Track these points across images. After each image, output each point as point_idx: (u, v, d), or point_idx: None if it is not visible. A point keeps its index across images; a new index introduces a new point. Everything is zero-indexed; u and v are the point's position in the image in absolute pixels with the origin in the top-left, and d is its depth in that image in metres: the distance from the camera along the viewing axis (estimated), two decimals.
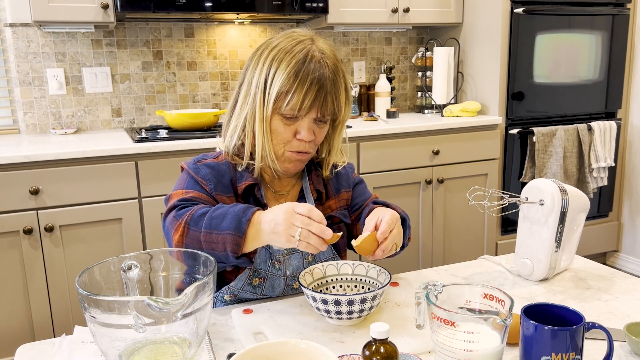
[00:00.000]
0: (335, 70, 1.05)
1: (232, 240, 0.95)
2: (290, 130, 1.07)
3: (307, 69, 1.02)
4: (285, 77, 1.02)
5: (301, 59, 1.03)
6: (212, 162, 1.12)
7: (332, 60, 1.06)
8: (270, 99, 1.04)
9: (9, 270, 2.00)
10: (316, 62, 1.03)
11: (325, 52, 1.06)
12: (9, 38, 2.44)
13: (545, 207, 1.09)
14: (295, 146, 1.08)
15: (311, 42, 1.06)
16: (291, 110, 1.04)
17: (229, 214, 0.97)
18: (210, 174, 1.10)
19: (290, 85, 1.02)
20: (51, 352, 0.91)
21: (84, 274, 0.82)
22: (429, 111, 2.99)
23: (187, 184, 1.11)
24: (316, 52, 1.05)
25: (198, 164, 1.12)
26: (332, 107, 1.06)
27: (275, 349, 0.72)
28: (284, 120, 1.06)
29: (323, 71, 1.03)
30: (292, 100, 1.03)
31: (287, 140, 1.08)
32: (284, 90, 1.03)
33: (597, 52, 2.86)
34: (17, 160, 1.93)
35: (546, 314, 0.77)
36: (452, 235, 2.74)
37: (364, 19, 2.67)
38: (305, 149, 1.09)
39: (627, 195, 3.13)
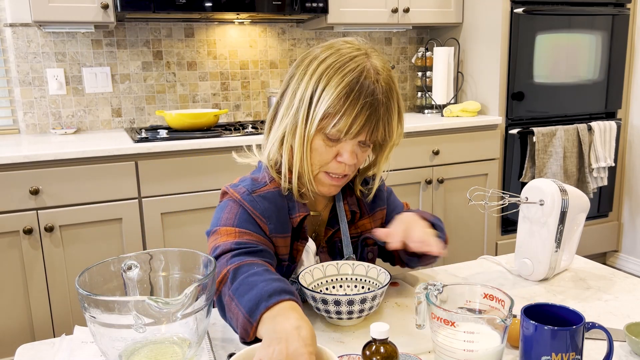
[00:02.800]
0: (389, 93, 0.97)
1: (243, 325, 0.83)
2: (332, 151, 0.98)
3: (360, 89, 0.93)
4: (334, 97, 0.93)
5: (354, 79, 0.93)
6: (268, 193, 1.01)
7: (387, 82, 0.97)
8: (315, 118, 0.95)
9: (9, 270, 2.00)
10: (370, 82, 0.94)
11: (380, 71, 0.96)
12: (9, 38, 2.44)
13: (545, 207, 1.09)
14: (334, 168, 1.00)
15: (366, 58, 0.96)
16: (337, 132, 0.95)
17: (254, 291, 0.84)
18: (270, 209, 0.99)
19: (340, 107, 0.93)
20: (51, 352, 0.91)
21: (84, 274, 0.82)
22: (429, 111, 2.99)
23: (240, 219, 0.98)
24: (371, 72, 0.95)
25: (254, 195, 1.00)
26: (383, 132, 0.98)
27: None
28: (327, 140, 0.97)
29: (377, 95, 0.94)
30: (339, 123, 0.94)
31: (326, 162, 1.00)
32: (332, 112, 0.94)
33: (597, 52, 2.86)
34: (17, 160, 1.93)
35: (546, 314, 0.77)
36: (452, 235, 2.74)
37: (364, 19, 2.67)
38: (343, 172, 1.01)
39: (627, 195, 3.13)
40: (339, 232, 1.10)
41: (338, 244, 1.10)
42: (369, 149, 1.03)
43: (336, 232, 1.10)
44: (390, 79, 0.98)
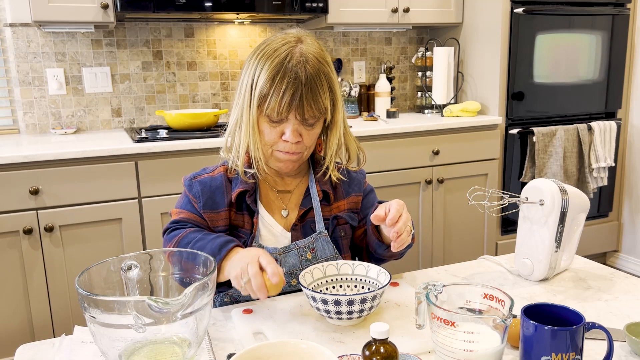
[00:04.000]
0: (314, 73, 1.06)
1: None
2: (277, 132, 1.09)
3: (284, 72, 1.04)
4: (264, 80, 1.05)
5: (280, 61, 1.05)
6: (206, 178, 1.16)
7: (313, 62, 1.06)
8: (254, 101, 1.07)
9: (9, 270, 2.00)
10: (293, 65, 1.04)
11: (307, 54, 1.07)
12: (9, 38, 2.44)
13: (545, 207, 1.09)
14: (282, 147, 1.10)
15: (296, 43, 1.08)
16: (271, 112, 1.06)
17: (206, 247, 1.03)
18: (202, 191, 1.14)
19: (269, 88, 1.05)
20: (51, 352, 0.91)
21: (83, 274, 0.82)
22: (429, 111, 2.99)
23: (182, 202, 1.16)
24: (296, 55, 1.06)
25: (193, 180, 1.16)
26: (310, 110, 1.07)
27: (275, 349, 0.72)
28: (270, 122, 1.08)
29: (299, 75, 1.04)
30: (270, 103, 1.05)
31: (274, 142, 1.10)
32: (264, 94, 1.05)
33: (597, 52, 2.86)
34: (17, 160, 1.93)
35: (546, 314, 0.77)
36: (452, 235, 2.74)
37: (364, 19, 2.67)
38: (292, 150, 1.10)
39: (627, 195, 3.13)
40: (312, 212, 1.18)
41: (311, 222, 1.17)
42: (314, 128, 1.11)
43: (309, 212, 1.18)
44: (319, 61, 1.08)
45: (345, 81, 2.90)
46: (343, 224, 1.20)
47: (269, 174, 1.18)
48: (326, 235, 1.16)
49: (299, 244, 1.14)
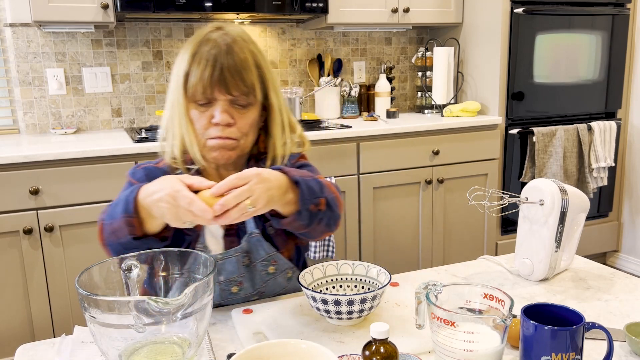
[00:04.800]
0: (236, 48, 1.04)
1: (126, 222, 0.93)
2: (206, 116, 1.05)
3: (203, 49, 1.03)
4: (186, 61, 1.04)
5: (198, 43, 1.04)
6: (150, 166, 1.13)
7: (234, 38, 1.05)
8: (180, 86, 1.05)
9: (9, 270, 2.00)
10: (213, 41, 1.03)
11: (229, 33, 1.06)
12: (9, 38, 2.44)
13: (545, 207, 1.09)
14: (213, 132, 1.06)
15: (216, 30, 1.07)
16: (195, 91, 1.03)
17: (122, 198, 0.96)
18: (146, 176, 1.10)
19: (189, 66, 1.03)
20: (51, 352, 0.91)
21: (84, 274, 0.82)
22: (429, 111, 2.99)
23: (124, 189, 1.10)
24: (215, 34, 1.05)
25: (137, 168, 1.13)
26: (236, 85, 1.02)
27: (275, 349, 0.72)
28: (199, 107, 1.05)
29: (220, 49, 1.02)
30: (192, 81, 1.03)
31: (205, 128, 1.06)
32: (186, 73, 1.04)
33: (597, 52, 2.86)
34: (17, 160, 1.93)
35: (546, 314, 0.77)
36: (452, 235, 2.74)
37: (364, 19, 2.67)
38: (224, 134, 1.05)
39: (627, 195, 3.13)
40: None
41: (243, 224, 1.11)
42: (247, 110, 1.07)
43: None
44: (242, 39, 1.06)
45: (345, 81, 2.90)
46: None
47: (210, 174, 1.13)
48: (258, 235, 1.09)
49: (237, 250, 1.07)
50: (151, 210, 0.91)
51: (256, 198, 0.87)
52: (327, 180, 1.08)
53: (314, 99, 2.96)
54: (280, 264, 1.13)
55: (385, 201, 2.55)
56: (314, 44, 2.96)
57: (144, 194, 0.92)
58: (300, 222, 0.97)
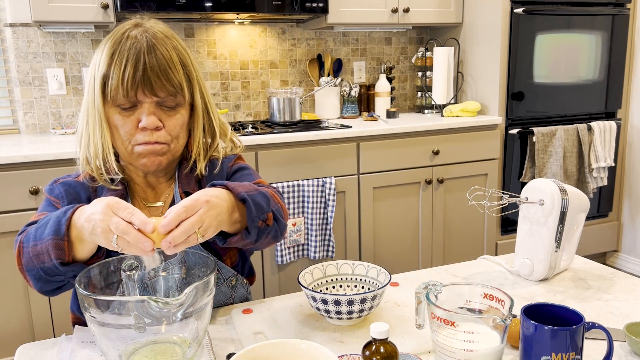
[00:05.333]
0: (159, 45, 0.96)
1: (55, 246, 0.84)
2: (131, 121, 0.97)
3: (122, 47, 0.94)
4: (104, 62, 0.95)
5: (117, 40, 0.95)
6: (69, 180, 1.04)
7: (155, 36, 0.97)
8: (97, 89, 0.95)
9: (9, 270, 2.00)
10: (132, 38, 0.95)
11: (149, 30, 0.98)
12: (9, 38, 2.44)
13: (545, 207, 1.09)
14: (141, 138, 0.97)
15: (135, 25, 0.99)
16: (115, 94, 0.94)
17: (51, 219, 0.86)
18: (65, 191, 1.02)
19: (108, 67, 0.94)
20: (51, 352, 0.91)
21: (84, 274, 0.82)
22: (429, 111, 2.99)
23: (42, 207, 1.02)
24: (134, 32, 0.96)
25: (54, 184, 1.04)
26: (162, 84, 0.95)
27: (275, 349, 0.72)
28: (122, 112, 0.96)
29: (140, 46, 0.94)
30: (113, 83, 0.94)
31: (131, 134, 0.97)
32: (104, 75, 0.95)
33: (597, 52, 2.86)
34: (17, 160, 1.93)
35: (546, 314, 0.77)
36: (452, 235, 2.74)
37: (364, 19, 2.67)
38: (152, 139, 0.97)
39: (627, 195, 3.13)
40: None
41: None
42: (175, 112, 0.99)
43: None
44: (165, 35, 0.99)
45: (345, 81, 2.90)
46: None
47: (137, 184, 1.06)
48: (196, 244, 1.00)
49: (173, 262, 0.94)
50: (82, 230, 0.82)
51: (206, 227, 0.81)
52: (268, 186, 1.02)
53: (314, 99, 2.96)
54: (223, 272, 1.06)
55: (385, 201, 2.55)
56: (314, 44, 2.96)
57: (79, 214, 0.84)
58: (247, 240, 0.91)
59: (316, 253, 2.39)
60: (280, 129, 2.43)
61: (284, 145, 2.30)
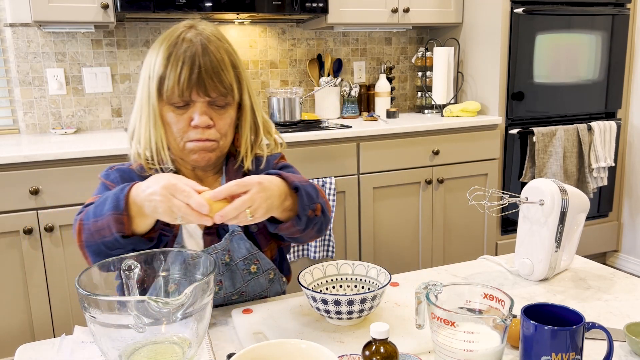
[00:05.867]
0: (212, 48, 1.01)
1: (115, 220, 0.90)
2: (184, 119, 1.03)
3: (178, 50, 1.00)
4: (159, 63, 1.01)
5: (172, 42, 1.01)
6: (124, 167, 1.11)
7: (209, 38, 1.02)
8: (153, 89, 1.02)
9: (9, 270, 2.00)
10: (187, 41, 1.01)
11: (203, 32, 1.03)
12: (9, 38, 2.44)
13: (545, 207, 1.09)
14: (193, 135, 1.04)
15: (189, 29, 1.04)
16: (172, 94, 1.00)
17: (109, 196, 0.92)
18: (121, 177, 1.08)
19: (164, 69, 1.00)
20: (51, 352, 0.91)
21: (83, 274, 0.82)
22: (429, 111, 2.99)
23: (98, 190, 1.09)
24: (189, 34, 1.02)
25: (109, 170, 1.12)
26: (214, 86, 1.01)
27: (275, 349, 0.72)
28: (175, 110, 1.03)
29: (195, 50, 1.00)
30: (169, 84, 1.00)
31: (184, 131, 1.04)
32: (161, 76, 1.01)
33: (597, 52, 2.86)
34: (17, 160, 1.93)
35: (546, 314, 0.77)
36: (452, 235, 2.74)
37: (364, 19, 2.67)
38: (204, 137, 1.04)
39: (627, 195, 3.13)
40: None
41: None
42: (226, 111, 1.05)
43: None
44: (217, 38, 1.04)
45: (345, 81, 2.90)
46: None
47: (186, 175, 1.11)
48: (240, 233, 1.08)
49: (217, 247, 1.06)
50: (143, 207, 0.88)
51: (256, 207, 0.87)
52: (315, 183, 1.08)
53: (314, 99, 2.96)
54: (263, 263, 1.11)
55: (385, 201, 2.55)
56: (314, 44, 2.96)
57: (136, 191, 0.90)
58: (297, 227, 0.97)
59: (316, 253, 2.39)
60: (280, 129, 2.43)
61: None
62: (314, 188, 1.01)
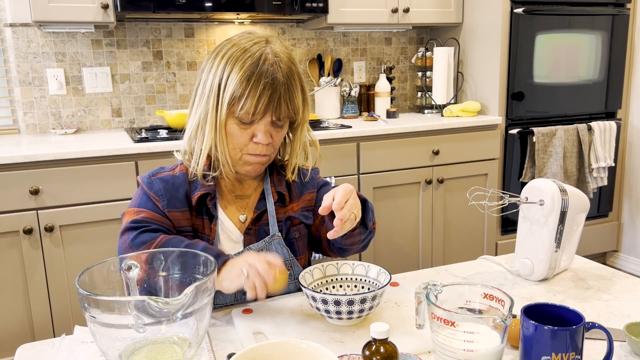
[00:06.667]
0: (289, 73, 1.04)
1: None
2: (247, 134, 1.06)
3: (260, 72, 1.01)
4: (238, 81, 1.01)
5: (254, 62, 1.01)
6: (167, 176, 1.11)
7: (286, 63, 1.05)
8: (224, 103, 1.03)
9: (9, 270, 2.00)
10: (269, 65, 1.02)
11: (279, 54, 1.04)
12: (9, 38, 2.44)
13: (545, 207, 1.09)
14: (252, 149, 1.07)
15: (265, 44, 1.05)
16: (246, 114, 1.03)
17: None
18: (164, 189, 1.08)
19: (244, 89, 1.01)
20: (51, 352, 0.91)
21: (84, 274, 0.82)
22: (429, 111, 2.99)
23: (140, 200, 1.09)
24: (270, 55, 1.03)
25: (152, 177, 1.10)
26: (287, 110, 1.05)
27: (275, 349, 0.72)
28: (240, 124, 1.05)
29: (276, 75, 1.02)
30: (245, 105, 1.02)
31: (244, 144, 1.07)
32: (237, 95, 1.02)
33: (597, 52, 2.86)
34: (17, 160, 1.93)
35: (546, 314, 0.77)
36: (452, 235, 2.74)
37: (364, 19, 2.67)
38: (262, 152, 1.08)
39: (627, 195, 3.13)
40: (266, 214, 1.14)
41: (265, 225, 1.14)
42: (282, 129, 1.09)
43: (264, 214, 1.14)
44: (290, 60, 1.07)
45: (345, 81, 2.90)
46: (297, 224, 1.16)
47: (226, 178, 1.14)
48: (280, 238, 1.12)
49: (252, 248, 1.10)
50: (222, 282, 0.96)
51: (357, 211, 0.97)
52: None
53: (314, 99, 2.96)
54: (296, 270, 1.14)
55: (385, 201, 2.55)
56: (314, 44, 2.96)
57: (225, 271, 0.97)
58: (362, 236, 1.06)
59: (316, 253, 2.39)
60: None
61: None
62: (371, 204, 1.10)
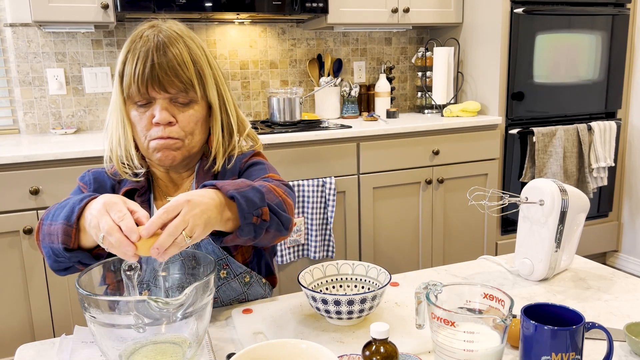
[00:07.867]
0: (168, 39, 1.01)
1: (63, 231, 0.86)
2: (146, 117, 1.02)
3: (135, 49, 1.01)
4: (120, 60, 1.02)
5: (132, 42, 1.02)
6: (99, 170, 1.11)
7: (169, 32, 1.02)
8: (117, 87, 1.03)
9: (9, 270, 2.00)
10: (146, 37, 1.01)
11: (166, 29, 1.03)
12: (9, 38, 2.44)
13: (545, 207, 1.09)
14: (155, 133, 1.02)
15: (151, 26, 1.04)
16: (129, 90, 1.00)
17: (69, 204, 0.90)
18: (94, 179, 1.09)
19: (123, 65, 1.01)
20: (51, 352, 0.91)
21: (84, 274, 0.82)
22: (429, 111, 2.99)
23: (73, 191, 1.09)
24: (150, 35, 1.02)
25: (87, 172, 1.12)
26: (169, 79, 0.99)
27: (275, 349, 0.72)
28: (138, 108, 1.03)
29: (150, 44, 1.00)
30: (126, 80, 1.00)
31: (147, 129, 1.03)
32: (120, 71, 1.02)
33: (597, 52, 2.86)
34: (17, 160, 1.93)
35: (546, 314, 0.77)
36: (452, 235, 2.74)
37: (364, 19, 2.67)
38: (166, 135, 1.02)
39: (627, 195, 3.13)
40: None
41: None
42: (188, 107, 1.04)
43: None
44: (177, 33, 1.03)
45: (345, 81, 2.90)
46: None
47: (160, 178, 1.11)
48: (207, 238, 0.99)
49: (182, 254, 0.93)
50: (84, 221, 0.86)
51: (191, 227, 0.78)
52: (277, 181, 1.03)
53: (314, 99, 2.96)
54: (233, 267, 1.07)
55: (385, 201, 2.55)
56: (314, 44, 2.96)
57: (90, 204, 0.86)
58: (244, 237, 0.90)
59: (316, 253, 2.39)
60: (280, 129, 2.43)
61: (284, 145, 2.30)
62: (257, 192, 0.91)
